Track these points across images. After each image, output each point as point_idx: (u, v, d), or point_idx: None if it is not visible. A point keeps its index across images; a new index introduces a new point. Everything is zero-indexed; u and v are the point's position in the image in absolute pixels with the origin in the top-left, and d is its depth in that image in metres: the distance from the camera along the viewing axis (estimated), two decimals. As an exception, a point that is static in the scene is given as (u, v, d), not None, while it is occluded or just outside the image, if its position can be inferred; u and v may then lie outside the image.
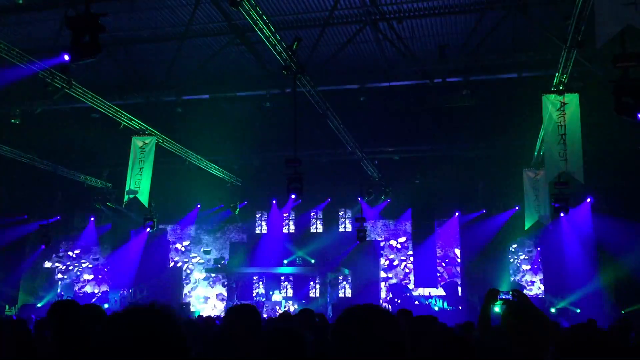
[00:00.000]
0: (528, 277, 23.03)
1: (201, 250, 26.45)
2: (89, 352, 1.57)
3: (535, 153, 18.06)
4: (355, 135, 18.61)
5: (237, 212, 24.98)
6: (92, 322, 3.05)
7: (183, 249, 26.61)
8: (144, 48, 16.41)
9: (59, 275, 26.53)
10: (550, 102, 13.33)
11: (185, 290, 26.01)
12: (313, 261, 23.70)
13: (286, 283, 24.71)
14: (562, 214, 16.21)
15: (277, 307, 21.39)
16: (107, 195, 24.59)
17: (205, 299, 25.76)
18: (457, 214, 23.58)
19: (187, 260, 26.44)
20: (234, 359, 3.11)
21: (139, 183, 16.89)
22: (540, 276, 22.81)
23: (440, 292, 23.05)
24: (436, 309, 21.20)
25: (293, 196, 14.06)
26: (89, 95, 15.40)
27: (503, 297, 4.47)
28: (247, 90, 17.24)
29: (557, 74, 13.42)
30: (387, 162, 22.02)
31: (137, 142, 17.23)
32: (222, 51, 16.05)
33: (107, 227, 26.24)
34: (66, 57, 7.90)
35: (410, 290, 23.31)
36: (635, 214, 18.93)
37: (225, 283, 25.38)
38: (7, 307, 22.44)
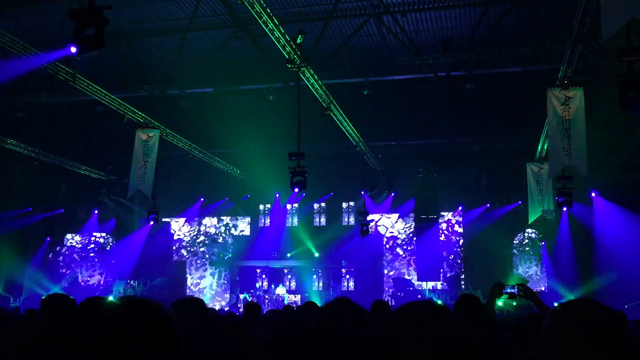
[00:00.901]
0: (532, 271, 23.02)
1: (204, 243, 26.49)
2: (83, 343, 1.57)
3: (540, 147, 18.02)
4: (359, 129, 18.60)
5: (240, 205, 25.02)
6: (85, 319, 3.05)
7: (186, 241, 26.65)
8: (148, 41, 16.42)
9: (64, 267, 26.62)
10: (554, 96, 13.28)
11: (188, 282, 26.08)
12: (317, 254, 23.74)
13: (289, 276, 24.76)
14: (565, 209, 16.17)
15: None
16: (111, 188, 24.67)
17: (209, 291, 25.83)
18: (460, 207, 23.58)
19: (190, 252, 26.49)
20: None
21: (143, 176, 16.92)
22: (543, 269, 22.80)
23: (443, 285, 23.08)
24: (439, 302, 21.21)
25: (296, 190, 14.05)
26: (93, 88, 15.41)
27: (508, 291, 4.46)
28: (250, 84, 17.25)
29: (561, 68, 13.37)
30: (390, 156, 22.01)
31: (141, 135, 17.25)
32: (226, 44, 16.04)
33: (111, 219, 26.32)
34: (73, 49, 7.88)
35: (413, 284, 23.32)
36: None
37: (228, 276, 25.44)
38: (11, 298, 22.56)
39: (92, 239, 26.78)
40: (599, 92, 13.40)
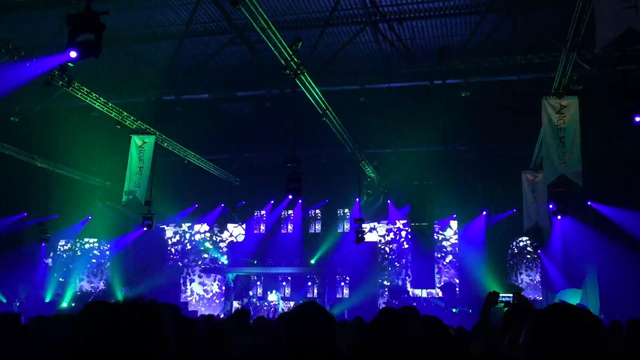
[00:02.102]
0: (527, 279, 23.02)
1: (199, 249, 26.42)
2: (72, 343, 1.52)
3: (534, 156, 18.07)
4: (355, 136, 18.62)
5: (235, 212, 24.98)
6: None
7: (181, 248, 26.57)
8: (144, 47, 16.41)
9: (58, 273, 26.47)
10: (549, 105, 13.33)
11: (183, 289, 25.98)
12: (312, 261, 23.71)
13: (284, 283, 24.70)
14: (560, 217, 16.23)
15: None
16: (105, 193, 24.59)
17: (203, 298, 25.73)
18: (455, 215, 23.61)
19: (185, 259, 26.41)
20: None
21: (138, 182, 16.88)
22: (538, 277, 22.81)
23: (438, 293, 23.06)
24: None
25: (290, 197, 14.05)
26: (89, 94, 15.38)
27: (504, 299, 4.47)
28: (246, 90, 17.25)
29: (556, 77, 13.43)
30: (386, 163, 22.03)
31: (136, 140, 17.22)
32: (222, 51, 16.05)
33: (105, 225, 26.21)
34: (73, 54, 7.84)
35: (408, 292, 23.30)
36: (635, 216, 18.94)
37: (224, 283, 25.35)
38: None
39: (87, 245, 26.66)
40: (594, 101, 13.47)
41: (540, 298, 22.01)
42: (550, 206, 17.23)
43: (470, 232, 23.09)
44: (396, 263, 24.38)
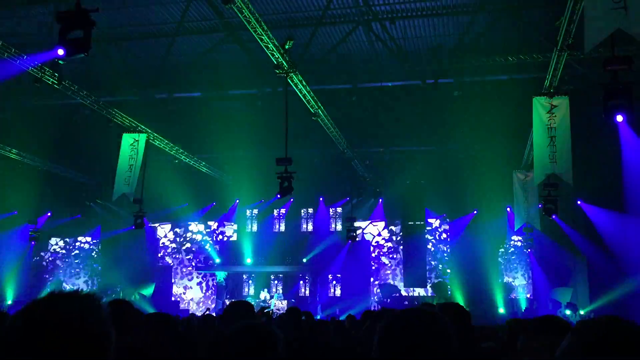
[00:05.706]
0: (518, 279, 23.12)
1: (191, 248, 26.36)
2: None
3: (525, 155, 18.15)
4: (347, 135, 18.63)
5: (227, 211, 24.95)
6: None
7: (173, 246, 26.49)
8: (136, 45, 16.36)
9: (48, 272, 26.35)
10: (540, 105, 13.40)
11: (175, 288, 25.92)
12: (305, 260, 23.72)
13: (276, 282, 24.69)
14: (554, 216, 16.35)
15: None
16: (97, 191, 24.49)
17: (196, 297, 25.69)
18: (446, 214, 23.69)
19: (177, 258, 26.34)
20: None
21: (129, 180, 16.82)
22: (529, 276, 22.91)
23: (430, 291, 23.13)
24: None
25: (278, 195, 14.09)
26: (79, 92, 15.31)
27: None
28: (239, 89, 17.23)
29: (547, 77, 13.50)
30: (378, 163, 22.06)
31: (127, 139, 17.16)
32: (214, 49, 16.03)
33: (96, 224, 26.11)
34: (60, 52, 7.81)
35: (399, 290, 23.36)
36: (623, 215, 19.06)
37: (216, 282, 25.32)
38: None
39: (77, 244, 26.54)
40: (584, 101, 13.56)
41: (530, 296, 22.13)
42: (540, 206, 17.33)
43: (461, 231, 23.15)
44: (388, 262, 24.42)
